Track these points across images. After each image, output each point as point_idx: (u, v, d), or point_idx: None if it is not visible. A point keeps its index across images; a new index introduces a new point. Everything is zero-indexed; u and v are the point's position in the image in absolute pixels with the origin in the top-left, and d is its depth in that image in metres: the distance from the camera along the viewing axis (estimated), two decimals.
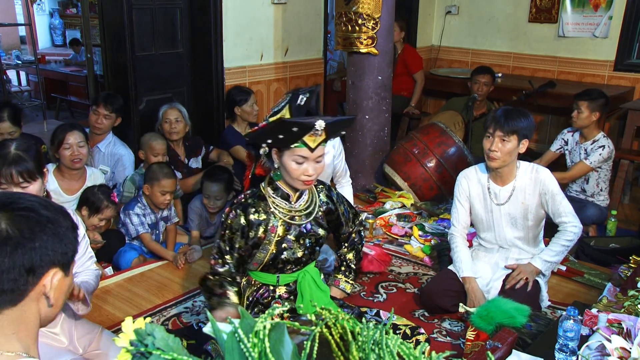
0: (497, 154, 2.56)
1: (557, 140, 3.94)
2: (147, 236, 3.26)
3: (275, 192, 2.16)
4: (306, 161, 2.04)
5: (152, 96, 4.23)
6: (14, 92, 7.39)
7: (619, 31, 5.05)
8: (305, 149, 2.01)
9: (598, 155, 3.61)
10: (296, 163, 2.04)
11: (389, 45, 4.19)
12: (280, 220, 2.15)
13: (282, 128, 1.98)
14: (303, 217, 2.19)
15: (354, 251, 2.48)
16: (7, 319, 1.04)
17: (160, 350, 0.88)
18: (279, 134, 1.99)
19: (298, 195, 2.19)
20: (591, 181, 3.74)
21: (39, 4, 9.00)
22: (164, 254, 3.26)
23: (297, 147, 2.01)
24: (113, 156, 3.63)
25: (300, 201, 2.20)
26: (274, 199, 2.15)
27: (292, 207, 2.17)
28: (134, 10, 3.96)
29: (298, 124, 1.96)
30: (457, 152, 3.99)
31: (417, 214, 3.83)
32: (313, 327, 0.95)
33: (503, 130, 2.53)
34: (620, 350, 1.64)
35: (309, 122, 1.97)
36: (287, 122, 1.99)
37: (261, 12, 4.52)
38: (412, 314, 2.77)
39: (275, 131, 1.99)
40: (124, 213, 3.27)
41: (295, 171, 2.05)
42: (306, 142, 2.00)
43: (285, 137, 2.00)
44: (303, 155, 2.02)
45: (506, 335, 1.92)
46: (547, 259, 2.65)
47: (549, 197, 2.61)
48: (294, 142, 2.01)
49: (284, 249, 2.17)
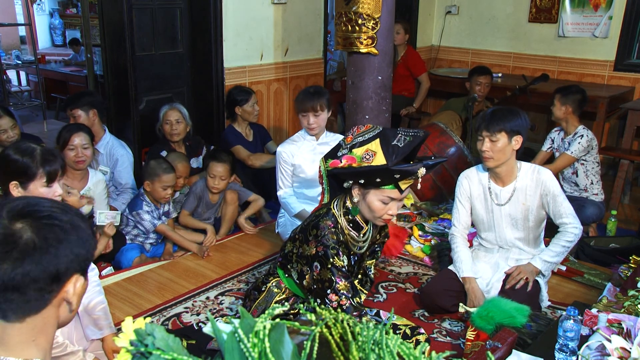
0: (489, 153, 2.57)
1: (547, 140, 4.01)
2: (164, 227, 3.31)
3: (350, 223, 2.15)
4: (392, 201, 2.03)
5: (152, 96, 4.23)
6: (14, 92, 7.39)
7: (619, 31, 5.05)
8: (395, 191, 2.01)
9: (577, 144, 3.67)
10: (382, 203, 2.03)
11: (389, 45, 4.19)
12: (351, 251, 2.16)
13: (384, 173, 1.96)
14: (362, 247, 2.22)
15: (374, 259, 2.49)
16: (29, 327, 1.03)
17: (160, 350, 0.88)
18: (377, 178, 1.97)
19: (366, 227, 2.20)
20: (580, 174, 3.78)
21: (39, 4, 9.00)
22: (188, 246, 3.33)
23: (388, 188, 2.00)
24: (112, 156, 3.63)
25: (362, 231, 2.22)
26: (350, 231, 2.14)
27: (359, 238, 2.19)
28: (134, 10, 3.96)
29: (403, 172, 1.95)
30: (457, 152, 3.99)
31: (417, 214, 3.83)
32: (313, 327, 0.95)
33: (489, 130, 2.55)
34: (620, 350, 1.64)
35: (413, 169, 1.96)
36: (392, 170, 1.96)
37: (261, 12, 4.52)
38: (412, 314, 2.77)
39: (374, 174, 1.97)
40: (131, 214, 3.29)
41: (380, 210, 2.05)
42: (400, 185, 2.00)
43: (382, 180, 1.98)
44: (392, 196, 2.02)
45: (506, 335, 1.92)
46: (547, 259, 2.65)
47: (550, 198, 2.62)
48: (388, 185, 2.00)
49: None
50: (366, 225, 2.16)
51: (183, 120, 3.78)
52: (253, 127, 4.23)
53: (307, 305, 2.18)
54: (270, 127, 4.80)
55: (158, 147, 3.82)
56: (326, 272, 2.08)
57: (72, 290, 1.06)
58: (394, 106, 4.66)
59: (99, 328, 2.16)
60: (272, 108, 4.85)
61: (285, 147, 3.20)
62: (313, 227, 2.15)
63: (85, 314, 2.15)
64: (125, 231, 3.34)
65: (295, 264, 2.23)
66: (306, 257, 2.15)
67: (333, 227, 2.11)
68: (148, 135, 4.09)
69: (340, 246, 2.09)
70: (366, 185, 2.03)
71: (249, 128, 4.19)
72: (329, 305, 2.08)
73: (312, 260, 2.12)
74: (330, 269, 2.08)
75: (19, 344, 1.03)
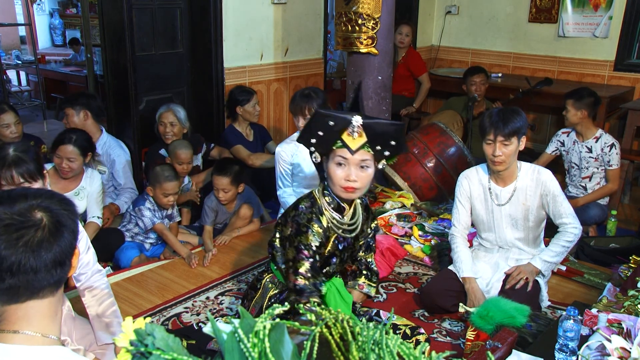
0: (502, 157, 2.55)
1: (552, 142, 3.98)
2: (162, 226, 3.30)
3: (330, 204, 2.12)
4: (348, 164, 1.99)
5: (152, 96, 4.23)
6: (14, 92, 7.39)
7: (619, 31, 5.05)
8: (345, 150, 1.97)
9: (615, 155, 3.71)
10: (338, 166, 2.00)
11: (389, 45, 4.19)
12: (335, 234, 2.13)
13: (319, 121, 1.95)
14: (349, 232, 2.18)
15: (372, 253, 2.47)
16: (50, 302, 1.15)
17: (160, 350, 0.88)
18: (319, 130, 1.96)
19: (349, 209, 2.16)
20: (594, 179, 3.78)
21: (39, 4, 9.00)
22: (179, 249, 3.30)
23: (338, 147, 1.98)
24: (109, 156, 3.63)
25: (348, 215, 2.17)
26: (331, 212, 2.12)
27: (343, 221, 2.15)
28: (134, 10, 3.96)
29: (333, 117, 1.94)
30: (457, 152, 3.99)
31: (417, 214, 3.82)
32: (313, 327, 0.95)
33: (504, 135, 2.53)
34: (620, 350, 1.64)
35: (345, 116, 1.94)
36: (322, 113, 1.96)
37: (261, 12, 4.52)
38: (412, 314, 2.77)
39: (314, 126, 1.97)
40: (134, 210, 3.31)
41: (337, 175, 2.01)
42: (345, 141, 1.97)
43: (325, 134, 1.97)
44: (343, 156, 1.98)
45: (506, 335, 1.92)
46: (547, 259, 2.65)
47: (550, 199, 2.62)
48: (334, 141, 1.98)
49: (329, 263, 2.15)
50: (348, 207, 2.15)
51: (178, 123, 3.75)
52: (253, 127, 4.23)
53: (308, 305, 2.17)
54: (270, 127, 4.80)
55: (157, 146, 3.84)
56: (292, 250, 2.07)
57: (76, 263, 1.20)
58: (394, 106, 4.66)
59: (111, 333, 2.11)
60: (272, 108, 4.86)
61: (284, 146, 3.20)
62: (293, 208, 2.16)
63: (97, 318, 2.11)
64: (126, 228, 3.34)
65: (279, 248, 2.24)
66: (284, 238, 2.16)
67: (310, 207, 2.11)
68: (148, 135, 4.09)
69: (312, 225, 2.06)
70: (320, 148, 2.02)
71: (249, 128, 4.19)
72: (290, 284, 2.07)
73: (286, 240, 2.13)
74: (296, 247, 2.06)
75: (41, 319, 1.13)
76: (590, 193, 3.79)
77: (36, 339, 1.08)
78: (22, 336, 1.08)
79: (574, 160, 3.83)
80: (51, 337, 1.11)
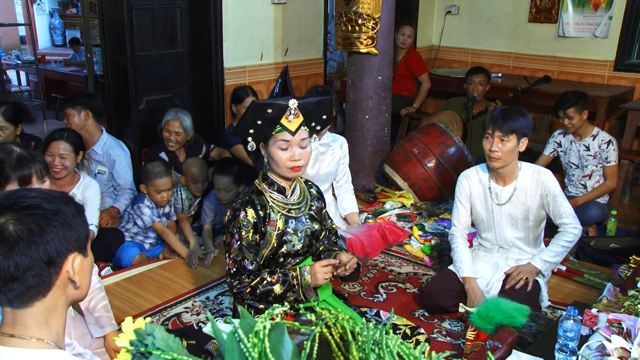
0: (498, 153, 2.56)
1: (549, 144, 3.99)
2: (161, 225, 3.31)
3: (271, 186, 2.17)
4: (290, 146, 2.06)
5: (152, 96, 4.23)
6: (14, 92, 7.38)
7: (619, 31, 5.05)
8: (286, 133, 2.04)
9: (613, 151, 3.71)
10: (281, 150, 2.06)
11: (389, 45, 4.19)
12: (279, 213, 2.16)
13: (257, 112, 2.00)
14: (297, 210, 2.21)
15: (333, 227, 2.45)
16: (39, 310, 1.10)
17: (160, 350, 0.88)
18: (257, 119, 2.01)
19: (292, 189, 2.21)
20: (593, 177, 3.78)
21: (39, 4, 9.00)
22: (179, 249, 3.30)
23: (278, 132, 2.04)
24: (109, 156, 3.62)
25: (294, 195, 2.21)
26: (271, 193, 2.16)
27: (287, 200, 2.18)
28: (134, 10, 3.96)
29: (271, 104, 1.99)
30: (457, 152, 3.99)
31: (417, 214, 3.83)
32: (313, 327, 0.95)
33: (502, 130, 2.54)
34: (620, 350, 1.64)
35: (282, 102, 2.00)
36: (260, 104, 2.01)
37: (261, 12, 4.52)
38: (412, 314, 2.77)
39: (252, 117, 2.01)
40: (133, 209, 3.31)
41: (281, 158, 2.07)
42: (285, 125, 2.03)
43: (263, 123, 2.01)
44: (285, 139, 2.04)
45: (506, 335, 1.92)
46: (547, 259, 2.65)
47: (550, 199, 2.62)
48: (273, 127, 2.03)
49: (284, 242, 2.17)
50: (288, 187, 2.18)
51: (183, 132, 3.72)
52: None
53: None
54: None
55: (157, 148, 3.80)
56: (228, 235, 2.14)
57: (72, 270, 1.12)
58: (394, 106, 4.66)
59: (101, 326, 2.19)
60: None
61: None
62: (236, 200, 2.21)
63: (89, 313, 2.19)
64: (125, 228, 3.34)
65: None
66: (223, 226, 2.22)
67: (248, 192, 2.17)
68: (148, 135, 4.09)
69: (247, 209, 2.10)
70: (257, 136, 2.07)
71: None
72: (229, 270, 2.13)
73: (224, 227, 2.18)
74: (230, 232, 2.12)
75: (34, 325, 1.09)
76: (589, 192, 3.79)
77: (31, 343, 1.08)
78: (18, 340, 1.08)
79: (573, 160, 3.84)
80: (47, 342, 1.09)
